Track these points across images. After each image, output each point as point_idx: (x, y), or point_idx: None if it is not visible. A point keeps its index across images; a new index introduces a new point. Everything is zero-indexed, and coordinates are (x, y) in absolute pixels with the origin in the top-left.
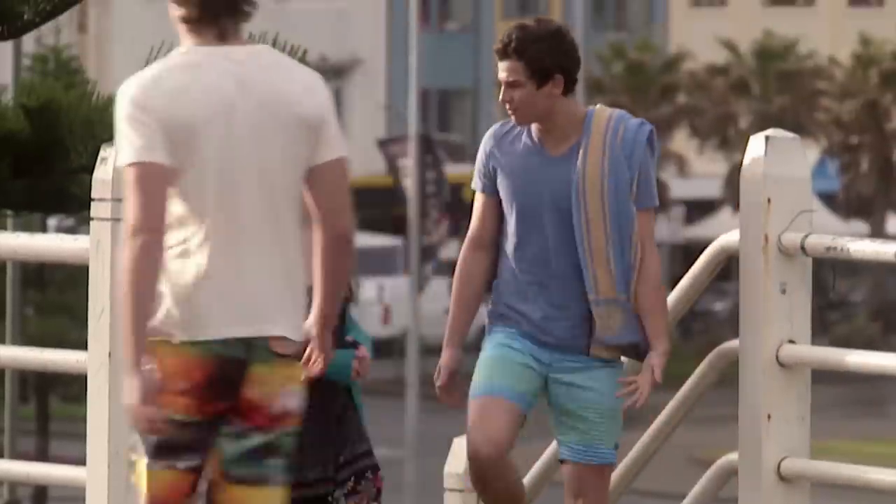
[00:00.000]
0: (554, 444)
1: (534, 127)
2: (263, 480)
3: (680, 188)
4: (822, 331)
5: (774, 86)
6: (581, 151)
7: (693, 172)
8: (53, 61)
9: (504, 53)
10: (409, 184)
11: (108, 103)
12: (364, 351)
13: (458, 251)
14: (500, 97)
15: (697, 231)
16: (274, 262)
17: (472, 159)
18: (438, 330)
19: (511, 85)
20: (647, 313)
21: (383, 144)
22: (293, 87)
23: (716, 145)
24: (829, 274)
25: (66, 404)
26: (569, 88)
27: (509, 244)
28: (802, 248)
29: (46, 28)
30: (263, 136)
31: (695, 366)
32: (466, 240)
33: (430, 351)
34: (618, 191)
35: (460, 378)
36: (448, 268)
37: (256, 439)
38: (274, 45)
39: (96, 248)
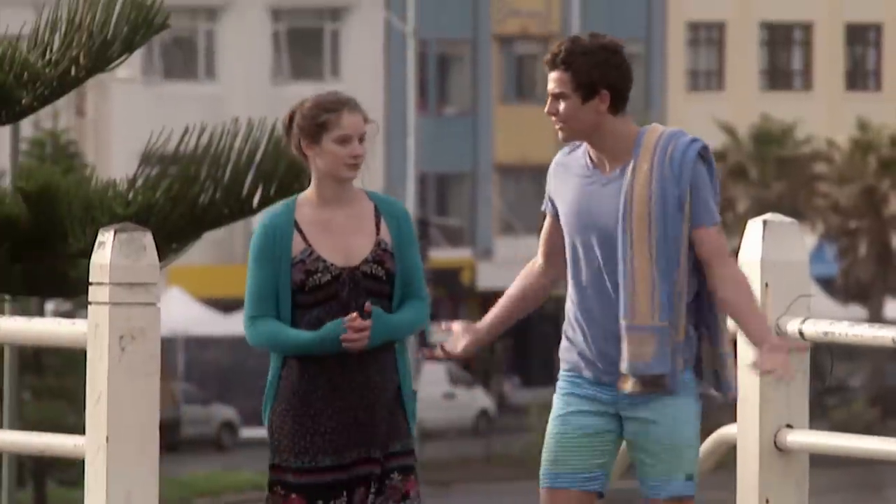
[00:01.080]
0: None
1: (590, 149)
2: None
3: None
4: (821, 416)
5: (772, 171)
6: (629, 172)
7: None
8: (51, 145)
9: (552, 63)
10: None
11: (107, 187)
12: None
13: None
14: (546, 109)
15: None
16: None
17: (470, 243)
18: (436, 414)
19: (556, 96)
20: (746, 313)
21: None
22: None
23: None
24: (827, 358)
25: (63, 489)
26: (618, 106)
27: (568, 274)
28: (800, 332)
29: (44, 112)
30: None
31: None
32: (536, 256)
33: (429, 436)
34: (665, 213)
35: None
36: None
37: None
38: (272, 129)
39: (94, 332)
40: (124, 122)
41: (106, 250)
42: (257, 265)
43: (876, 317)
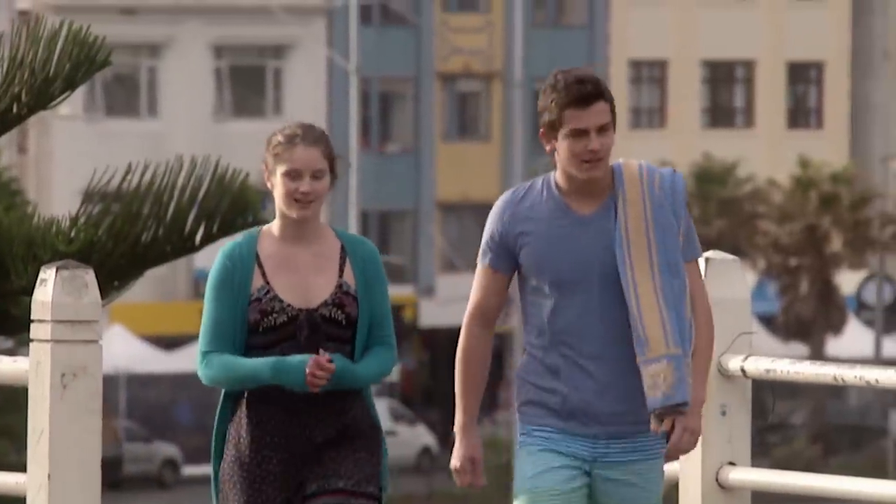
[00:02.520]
0: None
1: (561, 185)
2: None
3: None
4: (763, 453)
5: (714, 208)
6: (620, 205)
7: None
8: None
9: (596, 95)
10: None
11: (49, 224)
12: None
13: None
14: (591, 146)
15: None
16: None
17: (412, 281)
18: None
19: (602, 130)
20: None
21: None
22: None
23: None
24: (769, 396)
25: None
26: None
27: (541, 316)
28: (742, 370)
29: None
30: None
31: None
32: (471, 316)
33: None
34: (666, 242)
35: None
36: (386, 388)
37: None
38: (215, 166)
39: (36, 369)
40: (66, 159)
41: (48, 288)
42: (216, 298)
43: (817, 354)
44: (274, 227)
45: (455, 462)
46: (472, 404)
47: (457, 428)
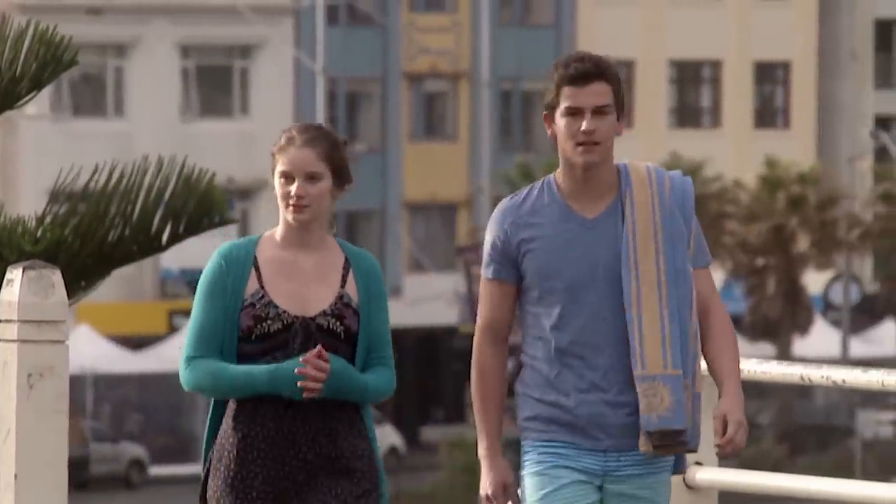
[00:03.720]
0: None
1: (563, 186)
2: None
3: None
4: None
5: None
6: (627, 208)
7: None
8: None
9: (597, 74)
10: None
11: (15, 224)
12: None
13: None
14: (585, 126)
15: None
16: None
17: None
18: None
19: (599, 112)
20: (721, 365)
21: None
22: None
23: None
24: None
25: None
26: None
27: (539, 328)
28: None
29: None
30: None
31: None
32: (481, 333)
33: None
34: (675, 249)
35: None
36: None
37: None
38: (182, 166)
39: (2, 369)
40: (33, 159)
41: (14, 288)
42: (206, 299)
43: (784, 354)
44: (276, 232)
45: (486, 489)
46: (493, 427)
47: (481, 454)
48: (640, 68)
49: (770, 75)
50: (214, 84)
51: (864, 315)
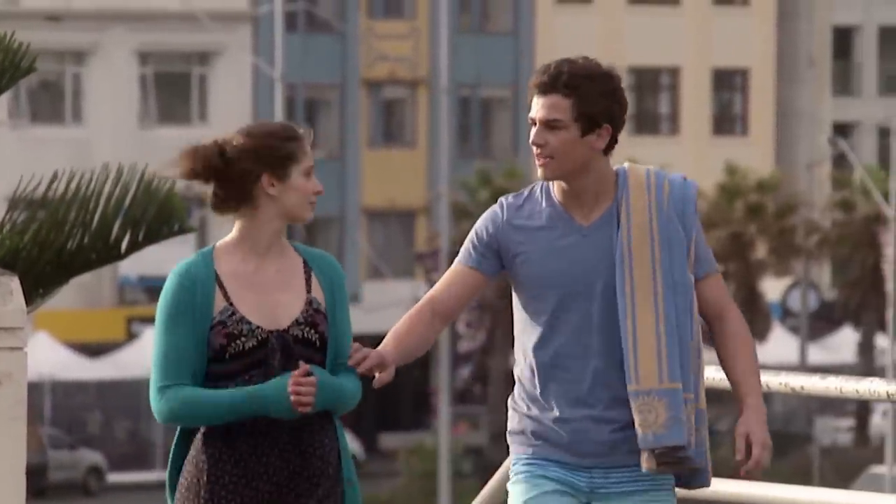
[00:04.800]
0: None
1: (556, 193)
2: None
3: None
4: None
5: None
6: (623, 214)
7: None
8: None
9: (551, 86)
10: None
11: None
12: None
13: None
14: (532, 138)
15: None
16: None
17: None
18: None
19: (549, 125)
20: (739, 372)
21: None
22: None
23: None
24: None
25: None
26: (611, 145)
27: (526, 338)
28: None
29: None
30: None
31: None
32: (423, 300)
33: None
34: (672, 258)
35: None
36: None
37: None
38: (141, 174)
39: None
40: None
41: None
42: (171, 325)
43: None
44: (233, 242)
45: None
46: (395, 341)
47: None
48: None
49: (728, 82)
50: (173, 91)
51: (822, 322)
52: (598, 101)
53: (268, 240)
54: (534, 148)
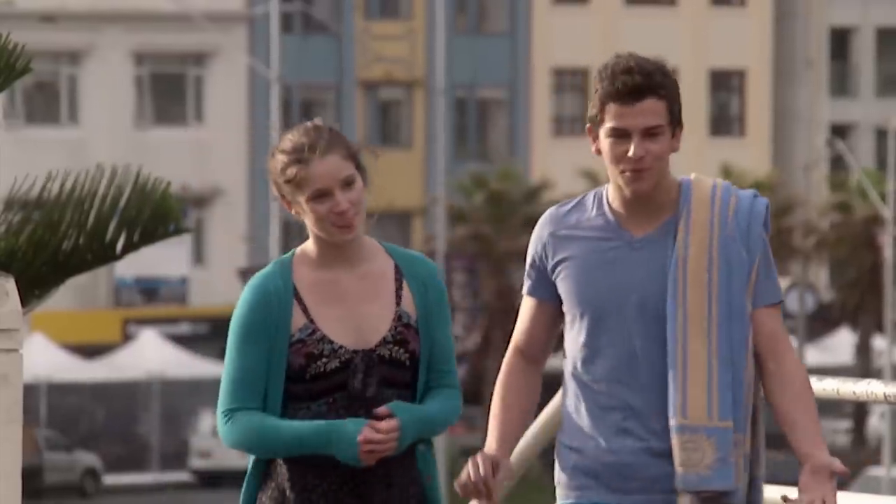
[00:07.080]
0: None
1: (613, 200)
2: None
3: None
4: None
5: None
6: (681, 229)
7: None
8: None
9: (648, 88)
10: None
11: None
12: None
13: None
14: (632, 152)
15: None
16: None
17: None
18: None
19: (649, 133)
20: (795, 421)
21: (244, 274)
22: None
23: None
24: None
25: None
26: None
27: (574, 359)
28: None
29: None
30: None
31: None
32: (511, 351)
33: None
34: (731, 282)
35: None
36: None
37: None
38: (137, 174)
39: None
40: None
41: None
42: (246, 344)
43: None
44: (309, 249)
45: (470, 473)
46: (505, 430)
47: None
48: (595, 76)
49: (725, 83)
50: (168, 92)
51: (819, 323)
52: (678, 98)
53: (327, 250)
54: (626, 162)
